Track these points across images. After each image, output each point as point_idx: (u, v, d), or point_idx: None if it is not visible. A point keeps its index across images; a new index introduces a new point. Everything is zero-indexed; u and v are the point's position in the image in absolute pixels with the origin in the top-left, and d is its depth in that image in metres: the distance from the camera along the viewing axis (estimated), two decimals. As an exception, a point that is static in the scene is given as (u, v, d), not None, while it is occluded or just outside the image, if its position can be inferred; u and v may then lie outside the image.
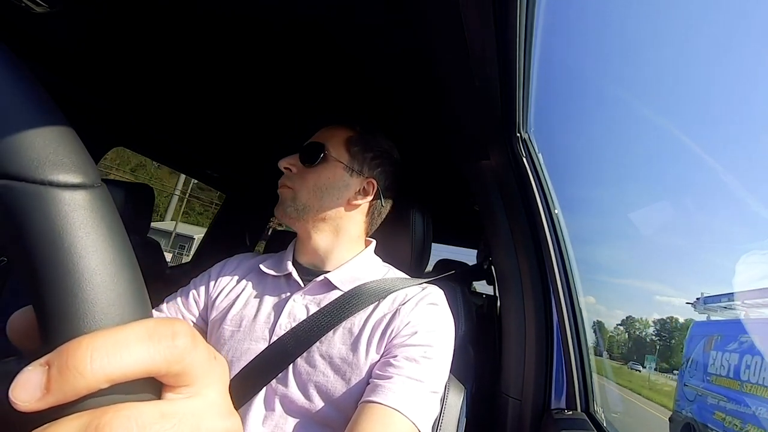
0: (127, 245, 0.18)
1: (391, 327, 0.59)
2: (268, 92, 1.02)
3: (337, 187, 0.68)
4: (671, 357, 9.65)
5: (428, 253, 0.89)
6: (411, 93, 0.92)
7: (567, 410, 0.84)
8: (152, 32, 0.83)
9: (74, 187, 0.16)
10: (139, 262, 0.18)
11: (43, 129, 0.16)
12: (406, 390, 0.52)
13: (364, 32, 0.73)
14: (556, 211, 0.94)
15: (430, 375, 0.55)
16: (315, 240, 0.69)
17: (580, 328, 0.90)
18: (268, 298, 0.65)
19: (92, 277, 0.16)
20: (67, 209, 0.16)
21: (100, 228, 0.17)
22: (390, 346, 0.58)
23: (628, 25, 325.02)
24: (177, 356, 0.16)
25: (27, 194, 0.15)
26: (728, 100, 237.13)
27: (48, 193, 0.16)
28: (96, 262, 0.16)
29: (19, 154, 0.16)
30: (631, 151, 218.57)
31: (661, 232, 31.84)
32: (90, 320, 0.16)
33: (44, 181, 0.16)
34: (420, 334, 0.58)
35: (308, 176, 0.68)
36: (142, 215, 1.29)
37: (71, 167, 0.16)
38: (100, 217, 0.17)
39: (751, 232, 41.21)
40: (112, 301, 0.16)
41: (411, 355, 0.55)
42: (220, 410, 0.18)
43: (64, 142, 0.17)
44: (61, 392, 0.14)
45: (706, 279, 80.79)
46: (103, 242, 0.17)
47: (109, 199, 0.18)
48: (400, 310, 0.61)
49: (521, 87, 0.72)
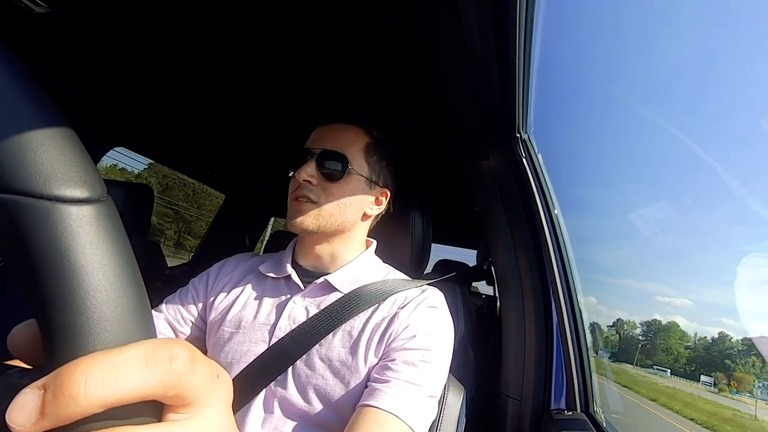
0: (132, 260, 0.18)
1: (389, 330, 0.59)
2: (268, 92, 1.02)
3: (357, 201, 0.67)
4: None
5: (428, 254, 0.89)
6: (411, 93, 0.92)
7: (567, 411, 0.84)
8: (152, 32, 0.83)
9: (81, 202, 0.16)
10: (138, 262, 0.18)
11: (50, 143, 0.16)
12: (403, 394, 0.52)
13: (364, 32, 0.73)
14: (556, 211, 0.94)
15: (428, 379, 0.55)
16: (322, 247, 0.68)
17: (580, 328, 0.90)
18: (267, 300, 0.65)
19: (97, 293, 0.16)
20: (73, 225, 0.16)
21: (105, 244, 0.17)
22: (388, 350, 0.57)
23: (628, 25, 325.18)
24: (174, 380, 0.16)
25: (34, 209, 0.15)
26: (727, 101, 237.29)
27: (55, 209, 0.16)
28: (101, 278, 0.16)
29: (25, 169, 0.15)
30: (631, 151, 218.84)
31: (660, 232, 31.81)
32: (94, 337, 0.16)
33: (51, 197, 0.16)
34: (418, 338, 0.58)
35: (331, 190, 0.64)
36: (141, 215, 1.29)
37: (78, 182, 0.16)
38: (106, 232, 0.17)
39: (750, 232, 41.29)
40: (116, 318, 0.16)
41: (409, 359, 0.55)
42: (221, 431, 0.18)
43: (71, 156, 0.17)
44: (55, 417, 0.14)
45: (705, 279, 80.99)
46: (109, 258, 0.17)
47: (115, 212, 0.18)
48: (399, 313, 0.61)
49: (521, 87, 0.72)
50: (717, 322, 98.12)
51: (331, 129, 0.68)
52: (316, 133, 0.69)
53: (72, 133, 0.17)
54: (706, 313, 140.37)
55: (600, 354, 0.97)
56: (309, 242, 0.68)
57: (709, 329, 44.60)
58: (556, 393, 0.86)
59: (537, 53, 0.67)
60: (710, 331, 40.66)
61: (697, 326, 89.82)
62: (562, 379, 0.86)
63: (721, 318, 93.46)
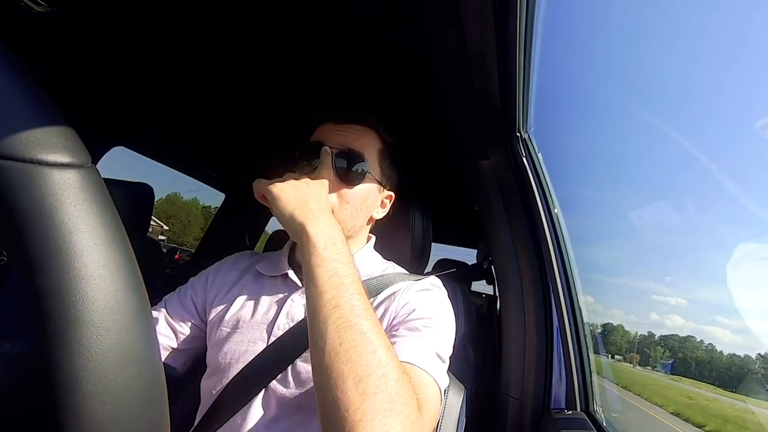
0: (119, 223, 0.18)
1: (388, 313, 0.59)
2: (268, 92, 1.02)
3: (368, 205, 0.67)
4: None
5: (428, 253, 0.89)
6: (411, 93, 0.92)
7: (567, 410, 0.84)
8: (152, 32, 0.83)
9: (64, 166, 0.16)
10: (138, 261, 0.18)
11: (33, 111, 0.16)
12: (413, 346, 0.51)
13: (364, 31, 0.73)
14: (556, 210, 0.94)
15: (434, 339, 0.54)
16: None
17: (580, 328, 0.90)
18: (265, 298, 0.65)
19: (83, 253, 0.16)
20: (57, 188, 0.16)
21: (90, 206, 0.17)
22: (390, 328, 0.57)
23: (628, 26, 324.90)
24: None
25: (17, 173, 0.15)
26: (727, 101, 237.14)
27: (38, 172, 0.16)
28: (87, 239, 0.16)
29: (8, 134, 0.16)
30: (631, 150, 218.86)
31: (659, 232, 31.81)
32: (82, 295, 0.16)
33: (34, 160, 0.16)
34: (419, 311, 0.58)
35: (348, 194, 0.62)
36: (141, 214, 1.29)
37: (60, 147, 0.17)
38: (91, 196, 0.17)
39: (744, 231, 41.32)
40: (104, 278, 0.16)
41: (412, 326, 0.55)
42: None
43: (53, 123, 0.17)
44: None
45: (702, 278, 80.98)
46: (95, 220, 0.17)
47: (100, 179, 0.18)
48: (395, 295, 0.61)
49: (521, 87, 0.72)
50: (711, 320, 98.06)
51: (346, 128, 0.65)
52: (329, 129, 0.65)
53: (53, 105, 0.17)
54: (702, 312, 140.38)
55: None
56: None
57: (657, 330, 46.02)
58: (556, 392, 0.86)
59: (537, 52, 0.67)
60: (644, 331, 42.54)
61: (693, 325, 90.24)
62: (562, 379, 0.86)
63: (716, 316, 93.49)
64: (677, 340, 14.19)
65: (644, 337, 14.21)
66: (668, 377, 9.44)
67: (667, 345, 12.31)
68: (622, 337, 10.60)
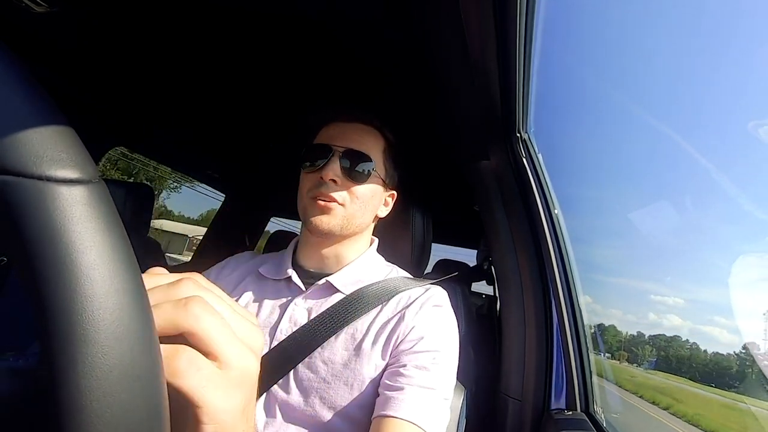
0: (125, 240, 0.18)
1: (396, 332, 0.58)
2: (268, 92, 1.02)
3: (375, 203, 0.67)
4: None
5: (428, 254, 0.89)
6: (411, 93, 0.92)
7: (567, 410, 0.84)
8: (152, 32, 0.83)
9: (72, 182, 0.16)
10: (138, 261, 0.18)
11: (41, 124, 0.16)
12: (419, 400, 0.51)
13: (364, 30, 0.73)
14: (556, 210, 0.94)
15: (441, 381, 0.55)
16: (330, 248, 0.66)
17: (580, 328, 0.90)
18: (267, 302, 0.64)
19: (90, 271, 0.16)
20: (64, 204, 0.16)
21: (98, 223, 0.17)
22: (397, 353, 0.56)
23: (628, 26, 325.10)
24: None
25: (24, 189, 0.15)
26: (726, 101, 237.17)
27: (46, 188, 0.16)
28: (94, 256, 0.16)
29: (16, 149, 0.15)
30: (631, 150, 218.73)
31: (658, 232, 31.84)
32: (88, 314, 0.16)
33: (42, 176, 0.15)
34: (427, 339, 0.57)
35: (356, 191, 0.63)
36: (141, 214, 1.29)
37: (69, 162, 0.16)
38: (99, 213, 0.17)
39: (744, 231, 41.32)
40: (110, 295, 0.16)
41: (421, 363, 0.54)
42: None
43: (61, 137, 0.17)
44: None
45: (701, 278, 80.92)
46: (102, 237, 0.16)
47: (107, 194, 0.18)
48: (404, 314, 0.60)
49: (521, 87, 0.72)
50: (709, 320, 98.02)
51: (352, 128, 0.66)
52: (334, 130, 0.66)
53: (63, 117, 0.17)
54: (700, 312, 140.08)
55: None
56: (317, 243, 0.67)
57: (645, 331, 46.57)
58: (556, 393, 0.86)
59: (537, 53, 0.67)
60: (633, 331, 43.48)
61: (690, 324, 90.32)
62: (562, 379, 0.86)
63: (714, 317, 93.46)
64: (664, 340, 14.43)
65: (633, 336, 14.41)
66: (648, 372, 9.85)
67: (654, 344, 12.51)
68: (613, 336, 10.86)
